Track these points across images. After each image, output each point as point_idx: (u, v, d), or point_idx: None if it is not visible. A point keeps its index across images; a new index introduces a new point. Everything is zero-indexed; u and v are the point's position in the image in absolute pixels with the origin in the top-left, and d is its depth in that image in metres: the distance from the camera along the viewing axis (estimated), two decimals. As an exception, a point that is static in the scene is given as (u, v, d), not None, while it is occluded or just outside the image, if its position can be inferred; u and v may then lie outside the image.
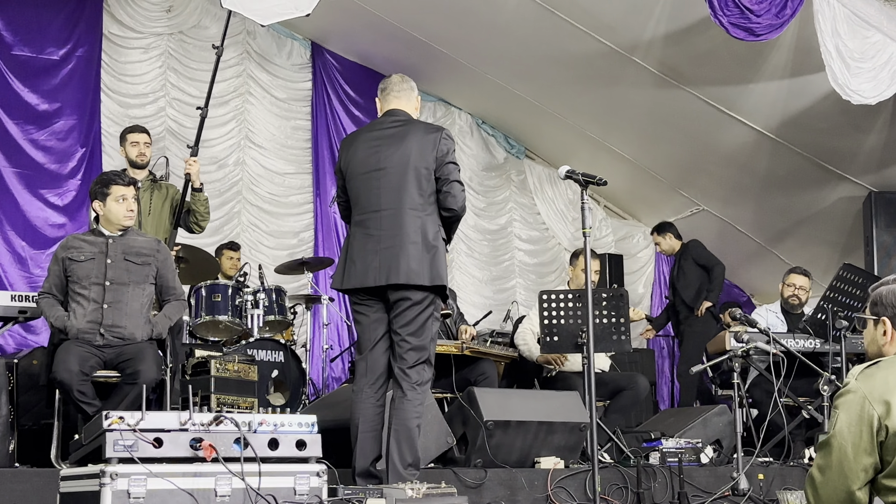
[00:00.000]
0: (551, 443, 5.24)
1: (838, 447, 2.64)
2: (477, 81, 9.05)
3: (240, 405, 5.46)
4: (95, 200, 4.97)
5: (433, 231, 4.32)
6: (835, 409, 2.70)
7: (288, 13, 6.07)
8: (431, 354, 4.35)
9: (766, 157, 8.58)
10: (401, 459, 4.15)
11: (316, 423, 3.75)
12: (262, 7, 5.90)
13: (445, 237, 4.42)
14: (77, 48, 7.93)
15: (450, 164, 4.39)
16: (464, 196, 4.43)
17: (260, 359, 6.24)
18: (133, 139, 6.01)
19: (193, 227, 6.06)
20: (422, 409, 4.31)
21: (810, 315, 6.47)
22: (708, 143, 8.72)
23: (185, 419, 3.52)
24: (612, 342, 5.86)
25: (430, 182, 4.36)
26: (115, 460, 3.36)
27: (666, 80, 7.86)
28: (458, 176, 4.42)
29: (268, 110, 8.85)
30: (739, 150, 8.62)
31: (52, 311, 4.84)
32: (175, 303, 5.09)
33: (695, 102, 8.02)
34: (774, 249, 9.81)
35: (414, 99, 4.59)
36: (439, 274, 4.28)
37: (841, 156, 8.23)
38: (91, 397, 4.62)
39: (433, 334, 4.35)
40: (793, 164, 8.48)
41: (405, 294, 4.25)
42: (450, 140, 4.45)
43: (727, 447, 6.03)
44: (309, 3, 5.95)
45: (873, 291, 2.88)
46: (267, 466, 3.54)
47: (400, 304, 4.27)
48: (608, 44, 7.59)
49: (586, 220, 4.48)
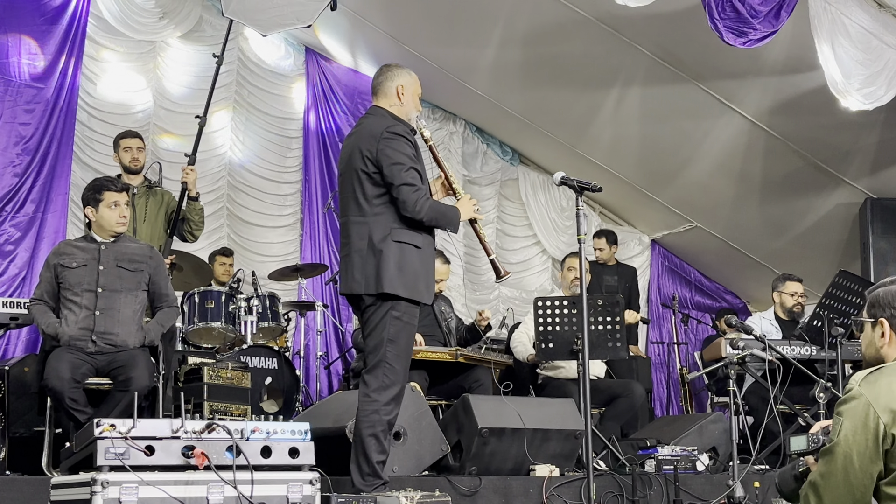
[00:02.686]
0: (546, 450, 5.21)
1: (843, 455, 2.61)
2: (469, 94, 9.02)
3: (233, 412, 5.44)
4: (88, 206, 4.95)
5: (380, 234, 4.13)
6: (838, 416, 2.67)
7: (290, 24, 6.07)
8: (392, 357, 4.12)
9: (762, 157, 8.51)
10: (358, 470, 4.10)
11: (309, 431, 3.73)
12: (264, 18, 5.88)
13: (409, 241, 4.15)
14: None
15: (393, 165, 4.11)
16: (416, 197, 4.11)
17: (253, 366, 6.22)
18: (126, 144, 5.99)
19: (187, 235, 6.04)
20: (375, 418, 4.07)
21: (806, 322, 6.46)
22: (701, 140, 8.62)
23: (176, 427, 3.50)
24: (608, 349, 5.84)
25: (378, 183, 4.14)
26: (106, 468, 3.32)
27: (662, 65, 7.74)
28: (404, 178, 4.11)
29: (259, 117, 8.80)
30: (733, 147, 8.52)
31: (44, 318, 4.81)
32: (167, 309, 5.07)
33: (691, 91, 7.91)
34: (769, 264, 9.79)
35: (392, 89, 4.32)
36: (381, 280, 4.08)
37: (839, 155, 8.16)
38: (83, 405, 4.60)
39: (391, 335, 4.12)
40: (789, 165, 8.42)
41: (356, 302, 4.22)
42: (394, 138, 4.15)
43: (723, 455, 6.01)
44: (311, 14, 5.93)
45: (870, 294, 2.86)
46: (259, 474, 3.51)
47: (359, 310, 4.27)
48: (605, 26, 7.45)
49: (581, 226, 4.46)
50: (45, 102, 7.45)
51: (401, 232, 4.16)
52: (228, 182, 8.60)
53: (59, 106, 7.51)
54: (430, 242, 4.30)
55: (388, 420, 4.13)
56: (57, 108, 7.50)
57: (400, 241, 4.15)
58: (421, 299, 4.22)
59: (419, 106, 4.45)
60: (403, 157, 4.16)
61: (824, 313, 6.07)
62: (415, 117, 4.39)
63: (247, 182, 8.70)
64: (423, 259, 4.22)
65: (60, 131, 7.51)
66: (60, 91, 7.53)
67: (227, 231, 8.54)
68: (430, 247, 4.30)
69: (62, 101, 7.53)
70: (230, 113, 8.62)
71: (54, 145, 7.47)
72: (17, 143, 7.31)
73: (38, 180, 7.38)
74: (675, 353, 9.00)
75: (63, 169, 7.52)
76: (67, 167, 7.55)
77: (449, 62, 8.63)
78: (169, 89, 8.31)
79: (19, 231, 7.24)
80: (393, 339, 4.13)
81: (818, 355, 6.18)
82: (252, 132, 8.74)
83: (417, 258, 4.19)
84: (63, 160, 7.52)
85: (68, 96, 7.57)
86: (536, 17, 7.63)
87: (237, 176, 8.66)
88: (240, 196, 8.65)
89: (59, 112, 7.50)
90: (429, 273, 4.28)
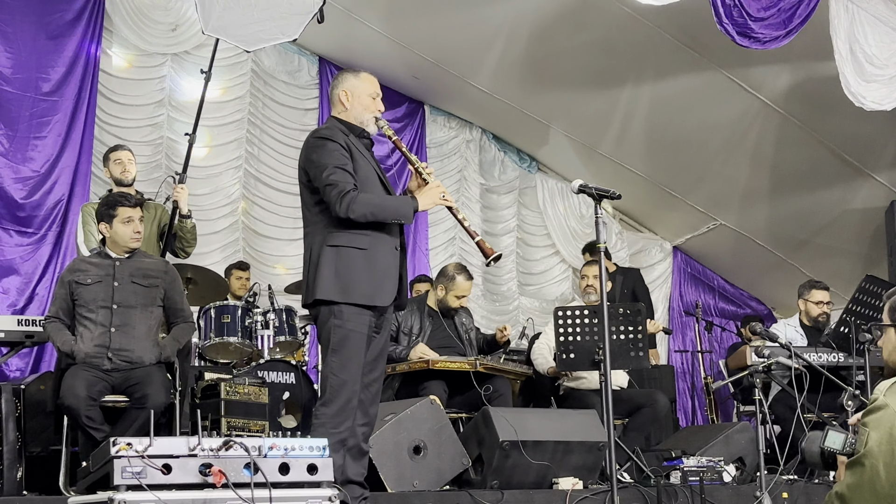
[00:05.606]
0: (569, 463, 5.15)
1: (870, 466, 2.57)
2: (486, 100, 8.97)
3: (251, 428, 5.39)
4: (101, 223, 4.93)
5: (319, 242, 4.03)
6: (863, 427, 2.62)
7: (274, 39, 6.01)
8: (337, 367, 3.96)
9: (788, 149, 8.37)
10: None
11: (328, 447, 3.68)
12: (246, 33, 5.81)
13: (347, 243, 4.01)
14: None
15: (316, 169, 4.00)
16: (336, 196, 3.94)
17: (271, 381, 6.16)
18: (115, 157, 5.99)
19: (179, 252, 6.03)
20: (322, 432, 3.89)
21: (833, 328, 6.37)
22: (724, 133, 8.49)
23: (193, 445, 3.46)
24: (630, 358, 5.76)
25: (313, 192, 4.06)
26: (123, 487, 3.29)
27: (685, 49, 7.61)
28: (325, 179, 3.97)
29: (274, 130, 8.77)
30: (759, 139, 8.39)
31: (60, 335, 4.78)
32: (183, 325, 5.04)
33: (714, 78, 7.79)
34: (795, 262, 9.68)
35: (336, 97, 4.22)
36: (315, 289, 3.98)
37: (863, 146, 8.04)
38: (99, 422, 4.57)
39: (333, 344, 3.98)
40: (813, 156, 8.30)
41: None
42: (318, 143, 4.05)
43: (750, 465, 5.92)
44: (295, 28, 5.87)
45: (891, 297, 2.80)
46: (278, 492, 3.46)
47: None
48: (627, 9, 7.35)
49: (600, 234, 4.40)
50: (62, 114, 7.43)
51: (336, 235, 4.03)
52: (244, 195, 8.58)
53: (77, 119, 7.50)
54: (379, 241, 4.08)
55: (336, 433, 3.93)
56: (75, 121, 7.49)
57: (335, 244, 4.02)
58: (370, 303, 4.03)
59: (374, 106, 4.24)
60: (327, 159, 4.01)
61: (851, 319, 5.98)
62: (369, 119, 4.23)
63: (262, 195, 8.67)
64: (370, 260, 4.04)
65: (78, 145, 7.50)
66: (77, 104, 7.52)
67: (243, 245, 8.50)
68: (379, 245, 4.08)
69: (80, 113, 7.52)
70: (244, 125, 8.59)
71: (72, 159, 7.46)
72: (35, 157, 7.30)
73: (56, 195, 7.36)
74: (700, 362, 8.90)
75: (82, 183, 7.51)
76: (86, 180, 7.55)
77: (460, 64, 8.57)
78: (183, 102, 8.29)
79: (35, 246, 7.22)
80: (336, 348, 3.99)
81: (845, 362, 6.08)
82: (267, 144, 8.71)
83: (361, 260, 4.03)
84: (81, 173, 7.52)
85: (86, 109, 7.56)
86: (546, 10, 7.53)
87: (252, 189, 8.63)
88: (255, 209, 8.62)
89: (76, 125, 7.49)
90: (382, 273, 4.07)
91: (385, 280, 4.09)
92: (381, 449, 4.69)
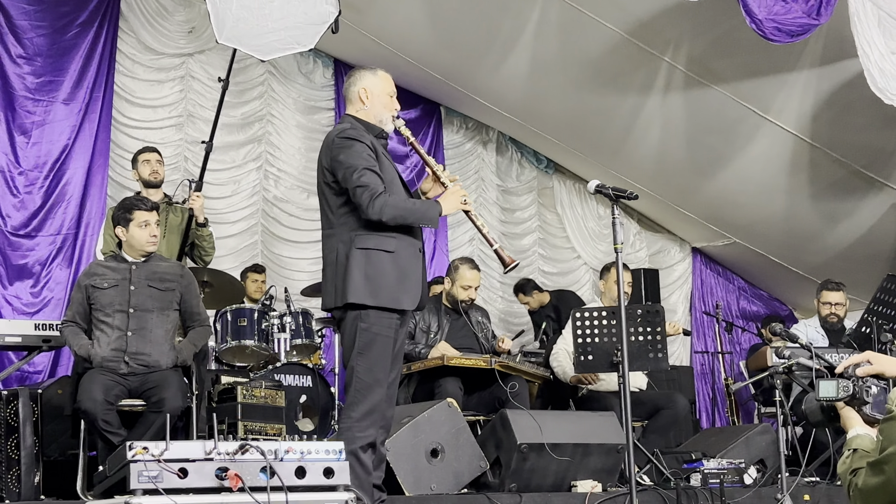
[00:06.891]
0: (588, 465, 5.12)
1: (893, 472, 2.51)
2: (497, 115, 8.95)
3: (267, 432, 5.38)
4: (118, 226, 4.93)
5: (346, 244, 3.98)
6: (880, 434, 2.57)
7: (289, 48, 5.98)
8: (363, 371, 3.96)
9: (802, 169, 8.32)
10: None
11: (344, 451, 3.67)
12: (261, 43, 5.79)
13: (376, 246, 3.98)
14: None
15: (346, 170, 3.95)
16: (368, 199, 3.91)
17: (287, 384, 6.15)
18: (144, 158, 6.02)
19: (198, 260, 6.06)
20: (349, 436, 3.88)
21: (854, 328, 6.31)
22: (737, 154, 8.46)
23: (210, 448, 3.48)
24: (649, 360, 5.71)
25: (339, 193, 4.01)
26: (140, 492, 3.32)
27: (693, 78, 7.61)
28: (356, 181, 3.93)
29: (290, 131, 8.77)
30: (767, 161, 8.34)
31: (76, 339, 4.79)
32: (200, 329, 5.04)
33: (725, 103, 7.78)
34: (816, 277, 9.57)
35: (354, 94, 4.17)
36: (346, 291, 3.94)
37: (883, 157, 7.95)
38: (116, 426, 4.57)
39: (360, 347, 3.96)
40: (831, 174, 8.22)
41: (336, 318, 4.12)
42: (345, 143, 3.99)
43: (771, 467, 5.87)
44: (311, 38, 5.84)
45: None
46: (294, 495, 3.48)
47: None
48: (635, 41, 7.34)
49: (617, 235, 4.37)
50: (76, 116, 7.45)
51: (365, 238, 3.99)
52: (262, 197, 8.57)
53: (90, 121, 7.51)
54: (408, 244, 4.07)
55: (363, 437, 3.93)
56: (90, 123, 7.50)
57: (365, 247, 3.99)
58: (398, 306, 4.02)
59: (392, 105, 4.22)
60: (356, 160, 3.97)
61: (873, 319, 5.92)
62: (387, 118, 4.21)
63: (279, 197, 8.66)
64: (398, 263, 4.02)
65: (93, 150, 7.51)
66: (93, 109, 7.54)
67: (261, 248, 8.50)
68: (408, 249, 4.07)
69: (93, 115, 7.53)
70: (262, 127, 8.59)
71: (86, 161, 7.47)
72: (48, 160, 7.32)
73: (70, 197, 7.38)
74: (720, 363, 8.83)
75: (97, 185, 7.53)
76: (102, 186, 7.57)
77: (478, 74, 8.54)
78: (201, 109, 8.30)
79: (48, 249, 7.24)
80: (362, 351, 3.97)
81: (867, 362, 6.00)
82: (284, 147, 8.71)
83: (390, 263, 4.00)
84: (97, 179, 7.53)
85: (100, 110, 7.57)
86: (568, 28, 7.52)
87: (270, 191, 8.63)
88: (273, 211, 8.61)
89: (90, 127, 7.51)
90: (409, 277, 4.06)
91: (410, 283, 4.08)
92: (398, 452, 4.67)
